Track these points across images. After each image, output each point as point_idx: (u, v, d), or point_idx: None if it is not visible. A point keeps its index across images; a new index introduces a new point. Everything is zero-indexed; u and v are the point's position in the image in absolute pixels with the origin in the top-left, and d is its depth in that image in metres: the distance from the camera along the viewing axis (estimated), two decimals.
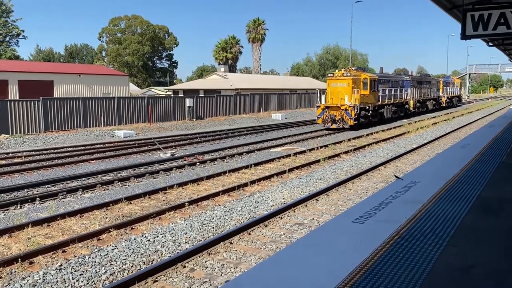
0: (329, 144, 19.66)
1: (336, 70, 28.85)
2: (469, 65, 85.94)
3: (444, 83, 50.48)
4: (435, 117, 37.53)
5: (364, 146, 19.38)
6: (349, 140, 21.54)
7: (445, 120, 33.87)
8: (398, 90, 33.74)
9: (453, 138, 21.72)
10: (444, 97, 49.51)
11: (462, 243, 3.63)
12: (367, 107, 28.09)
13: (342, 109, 26.31)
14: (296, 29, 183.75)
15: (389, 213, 4.42)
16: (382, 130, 26.23)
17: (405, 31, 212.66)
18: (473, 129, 25.01)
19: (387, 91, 31.42)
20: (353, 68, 29.77)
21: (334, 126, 26.74)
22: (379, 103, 30.04)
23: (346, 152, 17.55)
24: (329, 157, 16.22)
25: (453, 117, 36.74)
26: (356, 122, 26.37)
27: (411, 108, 37.59)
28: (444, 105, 49.73)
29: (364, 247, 3.49)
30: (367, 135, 23.80)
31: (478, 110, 48.11)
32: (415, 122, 32.39)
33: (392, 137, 22.66)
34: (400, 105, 34.89)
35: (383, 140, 21.47)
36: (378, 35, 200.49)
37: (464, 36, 8.74)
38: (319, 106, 27.57)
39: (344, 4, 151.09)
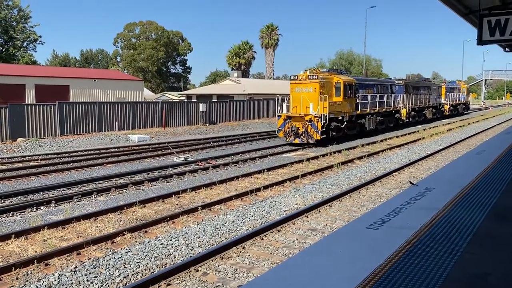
0: (343, 150, 19.58)
1: (301, 72, 23.52)
2: (485, 71, 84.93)
3: (447, 88, 45.43)
4: (450, 123, 37.13)
5: (378, 152, 19.26)
6: (362, 146, 21.41)
7: (460, 126, 33.50)
8: (386, 96, 29.12)
9: (468, 145, 21.46)
10: (446, 104, 44.55)
11: (478, 250, 3.58)
12: (341, 117, 23.14)
13: (307, 120, 21.25)
14: (309, 35, 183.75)
15: (403, 219, 4.38)
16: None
17: (420, 37, 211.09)
18: (488, 135, 24.68)
19: (369, 97, 26.54)
20: (323, 70, 24.69)
21: (297, 141, 21.61)
22: (358, 112, 25.10)
23: (360, 158, 17.46)
24: (343, 163, 16.16)
25: (468, 124, 36.33)
26: (325, 136, 21.43)
27: (403, 118, 32.54)
28: (447, 113, 44.66)
29: (379, 253, 3.47)
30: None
31: (494, 116, 47.45)
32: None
33: (406, 143, 22.48)
34: (389, 114, 30.16)
35: (397, 146, 21.32)
36: (393, 41, 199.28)
37: (481, 42, 8.67)
38: (280, 116, 22.60)
39: (358, 9, 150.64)
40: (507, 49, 15.30)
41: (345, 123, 23.70)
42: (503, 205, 4.99)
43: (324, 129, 21.26)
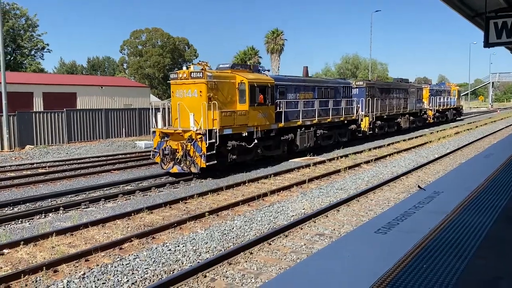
0: (350, 154, 19.52)
1: (184, 67, 16.44)
2: (492, 74, 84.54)
3: (432, 91, 37.81)
4: (457, 126, 36.92)
5: (386, 156, 19.17)
6: (369, 150, 21.31)
7: (468, 129, 33.33)
8: (332, 102, 21.48)
9: (476, 148, 21.31)
10: (430, 110, 37.26)
11: (489, 254, 3.55)
12: (246, 134, 15.99)
13: (187, 138, 14.55)
14: (315, 39, 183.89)
15: (412, 223, 4.35)
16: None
17: (426, 40, 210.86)
18: (497, 138, 24.49)
19: (301, 104, 19.26)
20: (224, 65, 17.17)
21: (175, 169, 14.65)
22: (282, 124, 17.93)
23: (367, 162, 17.38)
24: (350, 167, 16.11)
25: (476, 127, 36.15)
26: (215, 162, 14.51)
27: (364, 129, 25.39)
28: (431, 120, 37.71)
29: (387, 257, 3.44)
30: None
31: (502, 119, 47.16)
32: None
33: (413, 147, 22.35)
34: (339, 125, 22.67)
35: (405, 150, 21.21)
36: (399, 44, 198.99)
37: (487, 44, 8.64)
38: (155, 133, 15.70)
39: (363, 13, 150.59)
40: None
41: (256, 141, 16.41)
42: None
43: (214, 151, 14.48)
